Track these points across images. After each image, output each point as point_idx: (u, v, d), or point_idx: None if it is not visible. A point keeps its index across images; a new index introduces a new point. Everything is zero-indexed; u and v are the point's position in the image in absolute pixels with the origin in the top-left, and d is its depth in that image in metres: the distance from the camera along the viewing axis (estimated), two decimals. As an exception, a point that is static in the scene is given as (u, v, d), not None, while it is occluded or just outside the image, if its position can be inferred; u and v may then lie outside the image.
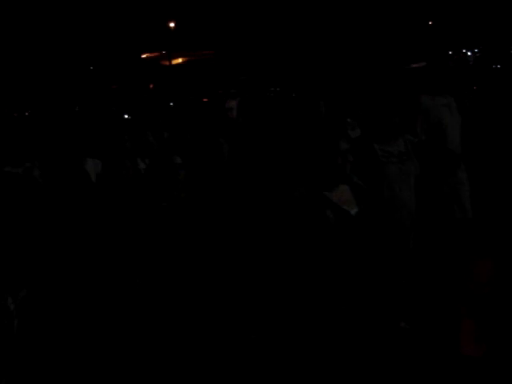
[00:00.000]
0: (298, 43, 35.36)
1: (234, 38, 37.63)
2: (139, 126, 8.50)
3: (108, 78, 36.52)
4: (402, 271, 5.37)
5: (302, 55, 34.26)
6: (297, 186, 4.69)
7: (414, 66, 22.84)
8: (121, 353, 4.53)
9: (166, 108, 15.79)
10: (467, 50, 30.08)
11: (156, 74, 38.14)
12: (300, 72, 28.57)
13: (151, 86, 36.95)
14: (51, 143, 7.54)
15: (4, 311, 4.33)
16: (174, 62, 40.50)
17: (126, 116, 16.95)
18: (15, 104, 27.84)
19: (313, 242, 4.23)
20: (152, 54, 42.27)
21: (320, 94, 10.77)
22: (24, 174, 5.97)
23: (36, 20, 37.58)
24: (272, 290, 4.81)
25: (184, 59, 41.12)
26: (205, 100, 21.47)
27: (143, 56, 42.57)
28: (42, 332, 4.87)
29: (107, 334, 4.62)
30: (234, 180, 6.44)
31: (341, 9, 35.44)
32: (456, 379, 2.74)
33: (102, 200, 5.80)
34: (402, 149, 5.52)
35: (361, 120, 7.25)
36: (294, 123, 7.75)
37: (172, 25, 39.04)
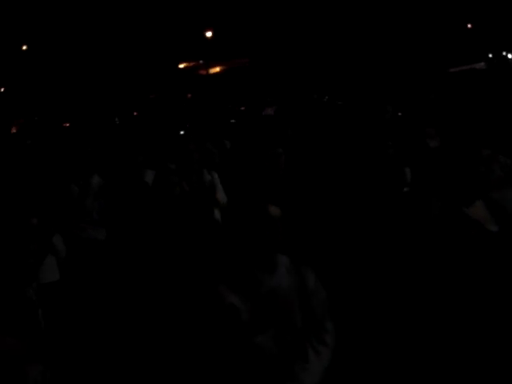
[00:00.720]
0: (339, 49, 35.26)
1: (270, 46, 37.67)
2: (197, 136, 8.56)
3: (146, 87, 36.86)
4: None
5: (341, 61, 34.14)
6: (433, 201, 4.56)
7: (477, 67, 22.58)
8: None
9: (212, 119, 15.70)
10: (507, 53, 29.59)
11: (193, 83, 38.36)
12: (343, 78, 28.45)
13: (189, 96, 37.18)
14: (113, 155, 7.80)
15: (27, 302, 4.38)
16: (212, 71, 40.70)
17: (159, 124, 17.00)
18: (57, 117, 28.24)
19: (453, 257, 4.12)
20: (189, 64, 42.55)
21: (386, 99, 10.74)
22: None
23: (80, 28, 38.15)
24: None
25: (221, 68, 41.30)
26: (242, 108, 21.47)
27: (180, 66, 42.86)
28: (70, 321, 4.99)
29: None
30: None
31: (385, 15, 35.23)
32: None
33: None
34: None
35: (439, 128, 7.14)
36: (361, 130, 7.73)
37: (209, 34, 39.28)
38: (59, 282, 5.27)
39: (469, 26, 36.30)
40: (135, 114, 27.64)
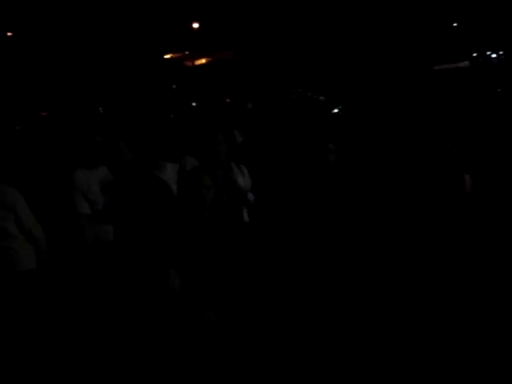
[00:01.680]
0: (321, 43, 35.28)
1: (257, 39, 37.63)
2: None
3: (131, 78, 36.68)
4: None
5: (325, 55, 34.20)
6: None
7: (461, 65, 22.72)
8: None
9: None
10: (492, 52, 29.81)
11: (179, 74, 38.23)
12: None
13: (174, 87, 37.06)
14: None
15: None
16: (197, 62, 40.56)
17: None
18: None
19: None
20: (175, 55, 42.37)
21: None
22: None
23: (67, 17, 37.87)
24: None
25: (207, 60, 41.18)
26: (227, 100, 21.46)
27: (166, 57, 42.69)
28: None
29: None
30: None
31: (368, 11, 35.27)
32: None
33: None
34: None
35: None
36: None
37: (195, 26, 39.16)
38: (35, 271, 5.19)
39: (454, 24, 36.47)
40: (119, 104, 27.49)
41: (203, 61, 41.13)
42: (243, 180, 5.72)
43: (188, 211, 4.50)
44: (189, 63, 40.33)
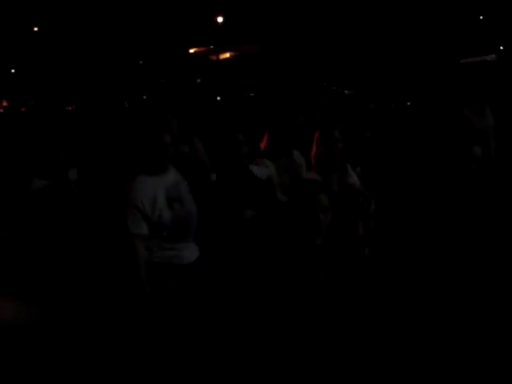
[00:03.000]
0: (347, 37, 35.10)
1: (282, 33, 37.52)
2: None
3: (157, 72, 36.81)
4: None
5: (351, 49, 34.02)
6: None
7: (488, 59, 22.49)
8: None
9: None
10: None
11: (204, 68, 38.30)
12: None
13: (198, 81, 37.13)
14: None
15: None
16: (222, 56, 40.60)
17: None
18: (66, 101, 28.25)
19: None
20: (199, 49, 42.44)
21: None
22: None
23: (92, 11, 38.08)
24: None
25: (232, 54, 41.19)
26: (251, 95, 21.45)
27: (191, 51, 42.76)
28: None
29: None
30: None
31: (395, 5, 35.03)
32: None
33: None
34: None
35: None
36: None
37: (220, 19, 39.18)
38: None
39: (480, 17, 36.10)
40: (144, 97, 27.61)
41: (227, 55, 41.16)
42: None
43: (297, 238, 3.82)
44: (213, 57, 40.39)
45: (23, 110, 21.33)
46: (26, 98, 29.01)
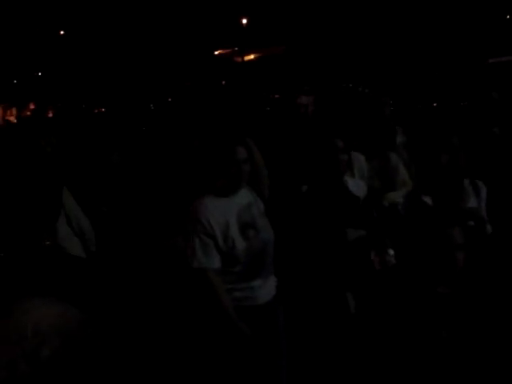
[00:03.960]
0: (372, 38, 34.92)
1: (307, 34, 37.44)
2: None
3: (182, 74, 36.94)
4: None
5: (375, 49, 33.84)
6: None
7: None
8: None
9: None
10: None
11: (228, 70, 38.36)
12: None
13: (223, 83, 37.18)
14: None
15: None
16: (247, 58, 40.63)
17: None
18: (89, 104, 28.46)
19: None
20: (224, 51, 42.52)
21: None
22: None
23: (117, 14, 38.32)
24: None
25: (256, 55, 41.19)
26: (276, 96, 21.39)
27: (216, 53, 42.85)
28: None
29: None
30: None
31: (422, 5, 34.76)
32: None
33: None
34: None
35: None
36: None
37: (244, 21, 39.20)
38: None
39: (507, 16, 35.70)
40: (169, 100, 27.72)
41: (252, 56, 41.18)
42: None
43: (421, 283, 2.95)
44: (238, 59, 40.43)
45: (50, 113, 21.49)
46: (53, 100, 29.22)
